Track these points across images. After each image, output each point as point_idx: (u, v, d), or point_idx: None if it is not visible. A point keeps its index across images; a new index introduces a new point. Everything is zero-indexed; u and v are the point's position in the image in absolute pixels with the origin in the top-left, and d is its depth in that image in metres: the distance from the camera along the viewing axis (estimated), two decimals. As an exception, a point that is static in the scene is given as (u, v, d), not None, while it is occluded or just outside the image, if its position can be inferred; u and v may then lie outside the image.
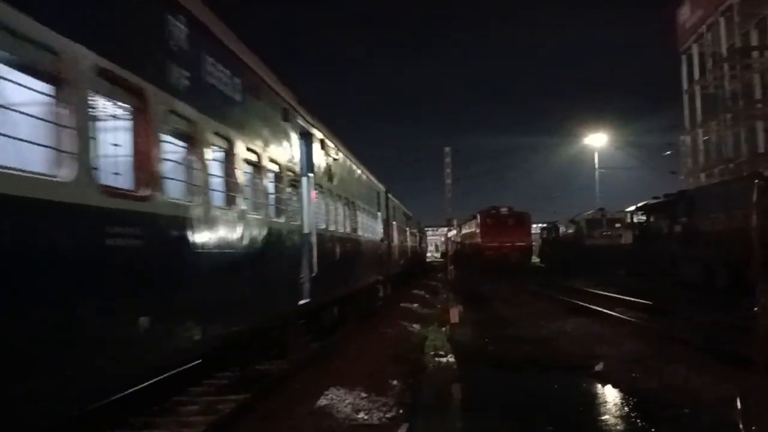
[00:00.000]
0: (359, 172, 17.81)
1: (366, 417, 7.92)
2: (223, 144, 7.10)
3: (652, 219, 31.79)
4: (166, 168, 5.68)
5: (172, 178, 5.82)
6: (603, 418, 8.67)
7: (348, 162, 15.70)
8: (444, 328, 15.87)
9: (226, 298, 7.11)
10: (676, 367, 10.73)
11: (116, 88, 4.97)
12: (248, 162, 7.99)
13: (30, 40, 3.94)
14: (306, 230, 10.63)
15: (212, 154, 6.73)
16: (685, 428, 8.22)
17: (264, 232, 8.37)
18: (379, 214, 21.65)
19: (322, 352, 11.96)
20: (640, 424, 8.28)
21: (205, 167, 6.42)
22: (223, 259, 7.05)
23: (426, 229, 71.25)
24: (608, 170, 57.53)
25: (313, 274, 10.69)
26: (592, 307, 20.12)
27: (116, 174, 5.07)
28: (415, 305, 23.10)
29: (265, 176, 8.65)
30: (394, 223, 27.37)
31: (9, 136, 3.77)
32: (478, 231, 50.32)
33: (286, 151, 9.70)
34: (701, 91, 43.62)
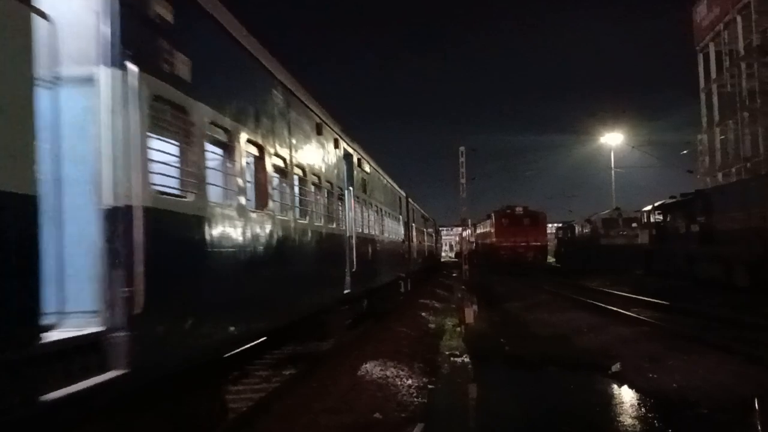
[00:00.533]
0: (385, 181, 19.71)
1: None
2: (301, 173, 9.32)
3: (669, 218, 31.57)
4: (274, 193, 7.79)
5: (276, 200, 7.93)
6: (619, 418, 8.62)
7: (377, 174, 17.79)
8: (459, 328, 15.86)
9: (309, 283, 9.54)
10: (694, 367, 10.66)
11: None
12: (313, 184, 9.96)
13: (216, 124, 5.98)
14: (347, 234, 12.53)
15: (296, 182, 9.05)
16: (705, 429, 8.15)
17: (324, 236, 10.52)
18: (400, 217, 23.34)
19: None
20: (657, 425, 8.22)
21: (292, 191, 8.66)
22: (305, 256, 9.40)
23: (440, 228, 71.11)
24: (624, 169, 57.09)
25: (353, 270, 12.47)
26: (608, 307, 20.01)
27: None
28: (433, 301, 23.24)
29: (322, 193, 10.58)
30: (413, 225, 29.01)
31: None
32: (492, 230, 50.21)
33: (335, 171, 11.79)
34: (718, 90, 43.23)
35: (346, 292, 11.99)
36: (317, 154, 10.40)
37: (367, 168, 15.52)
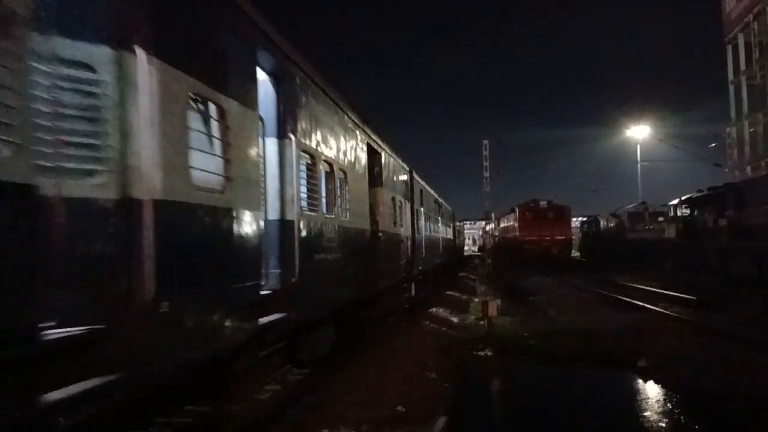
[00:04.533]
0: (433, 192, 25.71)
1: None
2: (390, 196, 13.99)
3: (696, 212, 31.07)
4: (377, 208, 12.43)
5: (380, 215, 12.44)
6: (645, 414, 8.50)
7: (429, 189, 23.87)
8: (483, 322, 15.69)
9: (390, 267, 13.99)
10: (724, 364, 10.44)
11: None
12: (393, 201, 14.53)
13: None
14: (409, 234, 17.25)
15: (390, 203, 14.00)
16: (734, 427, 7.97)
17: (406, 238, 16.58)
18: (439, 218, 28.53)
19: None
20: (683, 422, 8.08)
21: (386, 207, 13.24)
22: (390, 250, 13.96)
23: (464, 222, 70.83)
24: (651, 163, 56.38)
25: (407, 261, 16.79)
26: (634, 302, 19.74)
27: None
28: (458, 293, 23.13)
29: (400, 209, 15.49)
30: (451, 224, 35.99)
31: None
32: (517, 224, 49.92)
33: (408, 192, 17.12)
34: (747, 82, 42.48)
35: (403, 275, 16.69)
36: (400, 183, 16.09)
37: (422, 184, 21.27)
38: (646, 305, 18.70)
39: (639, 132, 55.35)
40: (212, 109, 5.18)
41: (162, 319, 4.21)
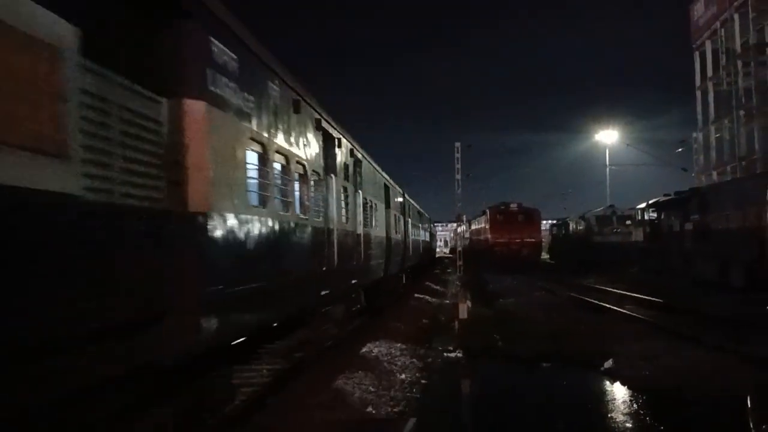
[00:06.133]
0: (415, 204, 32.41)
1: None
2: (393, 214, 20.29)
3: (663, 216, 31.55)
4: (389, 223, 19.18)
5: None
6: (611, 415, 8.58)
7: (414, 204, 31.36)
8: (453, 324, 15.76)
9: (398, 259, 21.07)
10: (688, 365, 10.61)
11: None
12: (394, 217, 20.45)
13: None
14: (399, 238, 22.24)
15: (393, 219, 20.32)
16: (699, 427, 8.10)
17: (415, 241, 28.40)
18: (419, 225, 34.86)
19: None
20: (648, 422, 8.18)
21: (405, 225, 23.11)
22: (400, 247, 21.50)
23: (435, 224, 71.00)
24: (619, 167, 57.06)
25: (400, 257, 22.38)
26: (602, 304, 19.98)
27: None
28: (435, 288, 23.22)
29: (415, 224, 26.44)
30: (428, 228, 43.07)
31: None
32: (487, 227, 50.18)
33: (401, 209, 23.11)
34: (714, 88, 43.23)
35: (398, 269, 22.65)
36: (415, 215, 29.11)
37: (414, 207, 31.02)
38: (613, 307, 18.95)
39: (608, 136, 56.10)
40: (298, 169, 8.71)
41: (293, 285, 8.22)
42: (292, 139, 8.20)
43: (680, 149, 47.13)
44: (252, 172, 6.74)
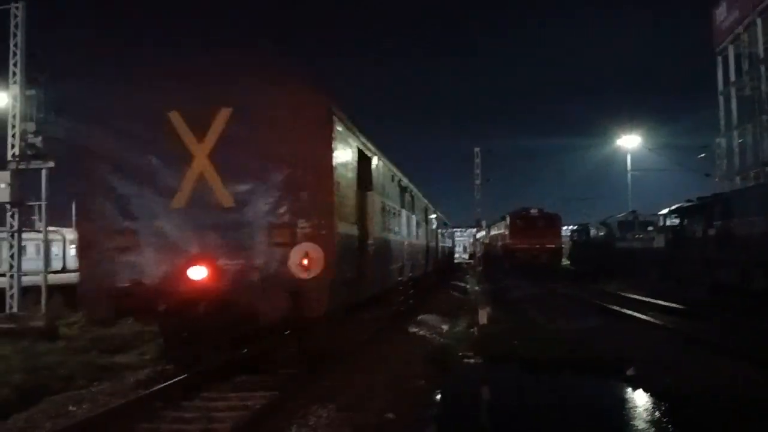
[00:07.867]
0: (440, 213, 35.22)
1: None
2: (435, 229, 31.05)
3: (686, 222, 31.28)
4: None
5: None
6: (633, 422, 8.56)
7: (437, 212, 33.80)
8: (473, 329, 15.79)
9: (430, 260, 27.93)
10: (711, 372, 10.55)
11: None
12: (435, 229, 31.00)
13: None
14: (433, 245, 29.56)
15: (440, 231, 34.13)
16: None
17: (443, 247, 37.16)
18: (446, 233, 42.11)
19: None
20: (671, 430, 8.14)
21: (437, 235, 33.05)
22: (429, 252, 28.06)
23: (454, 229, 70.91)
24: (641, 172, 56.67)
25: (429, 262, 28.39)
26: (623, 310, 19.87)
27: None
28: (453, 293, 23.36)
29: (443, 233, 36.32)
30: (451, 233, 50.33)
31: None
32: (507, 232, 50.08)
33: (425, 217, 26.01)
34: (737, 93, 42.77)
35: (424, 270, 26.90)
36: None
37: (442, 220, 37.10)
38: (634, 314, 18.84)
39: (630, 141, 55.64)
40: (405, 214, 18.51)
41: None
42: (391, 195, 15.80)
43: (703, 155, 46.76)
44: (380, 216, 13.91)
